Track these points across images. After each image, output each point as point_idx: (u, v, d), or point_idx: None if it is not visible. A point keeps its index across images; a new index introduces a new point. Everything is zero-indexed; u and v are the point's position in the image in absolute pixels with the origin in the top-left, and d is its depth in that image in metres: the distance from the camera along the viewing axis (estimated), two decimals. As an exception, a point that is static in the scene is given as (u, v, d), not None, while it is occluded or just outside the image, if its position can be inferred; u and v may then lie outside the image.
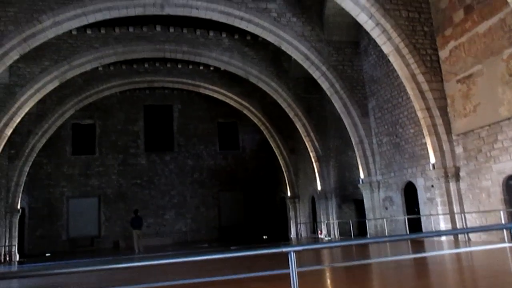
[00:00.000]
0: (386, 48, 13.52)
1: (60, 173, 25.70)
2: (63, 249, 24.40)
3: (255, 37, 19.50)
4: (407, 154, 15.07)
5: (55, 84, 18.78)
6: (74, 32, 18.31)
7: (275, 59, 20.95)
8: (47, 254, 22.15)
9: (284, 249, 3.29)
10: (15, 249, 20.19)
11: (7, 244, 19.78)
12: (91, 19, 15.71)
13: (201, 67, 22.93)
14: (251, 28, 16.81)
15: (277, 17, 16.68)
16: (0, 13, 15.14)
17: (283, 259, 3.48)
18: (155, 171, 27.40)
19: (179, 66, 22.99)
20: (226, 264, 9.29)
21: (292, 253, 3.30)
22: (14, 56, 15.56)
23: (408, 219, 14.96)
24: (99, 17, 15.68)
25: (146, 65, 22.51)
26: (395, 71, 14.16)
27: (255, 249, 3.42)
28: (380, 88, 16.52)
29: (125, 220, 25.17)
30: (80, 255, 19.92)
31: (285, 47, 17.26)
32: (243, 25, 16.71)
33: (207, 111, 28.53)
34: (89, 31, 18.49)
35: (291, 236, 24.48)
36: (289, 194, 24.99)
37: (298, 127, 21.60)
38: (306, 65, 17.54)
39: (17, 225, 20.70)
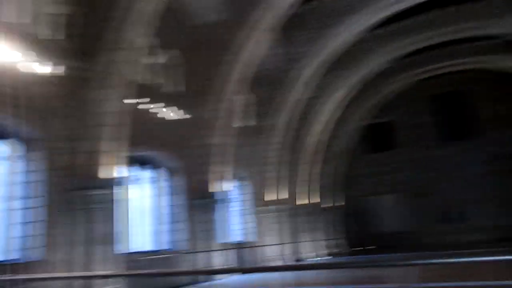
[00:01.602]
0: None
1: (366, 172, 27.13)
2: (377, 244, 25.43)
3: None
4: None
5: (350, 89, 20.07)
6: (363, 35, 18.69)
7: None
8: (367, 248, 23.70)
9: None
10: (341, 242, 22.74)
11: (334, 237, 22.47)
12: (379, 17, 16.08)
13: (489, 41, 20.13)
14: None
15: None
16: (296, 37, 17.23)
17: None
18: (455, 163, 25.51)
19: (463, 45, 20.94)
20: None
21: None
22: (310, 72, 17.48)
23: None
24: (385, 13, 15.87)
25: (430, 52, 21.45)
26: None
27: None
28: None
29: (430, 215, 24.48)
30: (394, 250, 20.30)
31: None
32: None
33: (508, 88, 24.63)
34: (377, 30, 18.59)
35: None
36: None
37: None
38: None
39: (340, 221, 23.21)
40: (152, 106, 12.50)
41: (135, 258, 11.12)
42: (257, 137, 16.89)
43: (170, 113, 13.10)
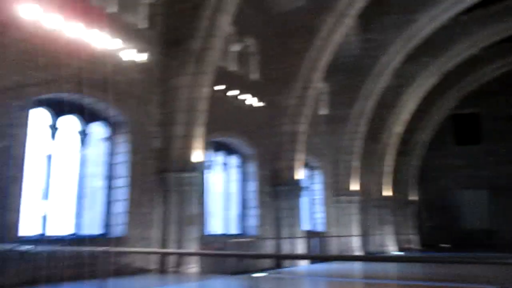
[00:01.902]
0: None
1: (446, 165, 25.64)
2: (457, 242, 24.10)
3: None
4: None
5: (435, 78, 19.04)
6: (447, 22, 17.92)
7: None
8: (443, 245, 22.51)
9: None
10: (415, 238, 21.70)
11: (406, 232, 21.58)
12: (465, 3, 15.10)
13: None
14: None
15: None
16: (380, 24, 16.60)
17: None
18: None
19: None
20: None
21: None
22: (393, 60, 16.82)
23: None
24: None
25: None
26: None
27: None
28: None
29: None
30: (476, 248, 19.13)
31: None
32: None
33: None
34: (463, 17, 17.62)
35: None
36: None
37: None
38: None
39: (413, 216, 22.20)
40: (233, 92, 12.80)
41: (218, 240, 11.58)
42: (337, 125, 16.67)
43: (251, 100, 13.33)
